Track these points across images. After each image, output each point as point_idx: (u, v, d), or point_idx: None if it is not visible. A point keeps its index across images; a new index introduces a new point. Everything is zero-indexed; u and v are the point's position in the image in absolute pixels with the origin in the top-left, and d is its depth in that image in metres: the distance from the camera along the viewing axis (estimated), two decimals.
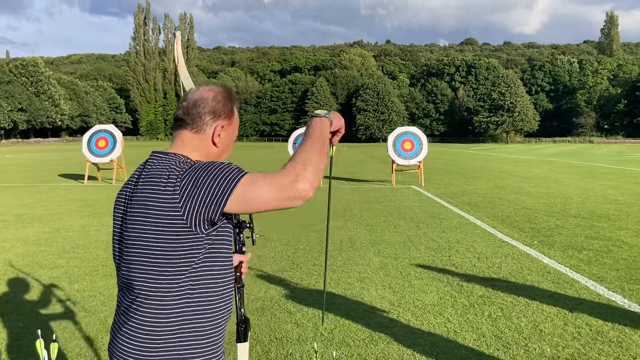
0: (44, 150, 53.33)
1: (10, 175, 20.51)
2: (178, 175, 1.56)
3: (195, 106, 1.73)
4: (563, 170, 22.60)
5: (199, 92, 1.76)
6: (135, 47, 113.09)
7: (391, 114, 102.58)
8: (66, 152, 45.65)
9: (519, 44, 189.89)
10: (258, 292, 5.36)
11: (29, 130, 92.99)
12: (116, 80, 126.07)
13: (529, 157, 35.91)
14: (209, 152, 1.75)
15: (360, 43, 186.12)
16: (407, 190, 14.80)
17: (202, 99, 1.74)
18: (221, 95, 1.78)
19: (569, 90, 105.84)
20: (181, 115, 1.74)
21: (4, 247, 7.54)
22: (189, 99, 1.76)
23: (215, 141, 1.75)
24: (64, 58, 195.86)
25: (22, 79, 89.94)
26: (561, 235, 8.32)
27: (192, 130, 1.73)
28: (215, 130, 1.75)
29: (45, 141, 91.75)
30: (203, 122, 1.73)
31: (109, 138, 17.63)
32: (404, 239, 8.05)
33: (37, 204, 12.10)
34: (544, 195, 13.37)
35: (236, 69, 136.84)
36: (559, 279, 5.81)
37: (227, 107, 1.78)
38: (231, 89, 1.85)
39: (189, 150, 1.71)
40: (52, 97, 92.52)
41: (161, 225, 1.54)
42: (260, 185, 1.53)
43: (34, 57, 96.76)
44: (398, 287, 5.57)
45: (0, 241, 7.97)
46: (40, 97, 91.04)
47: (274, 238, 8.11)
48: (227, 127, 1.79)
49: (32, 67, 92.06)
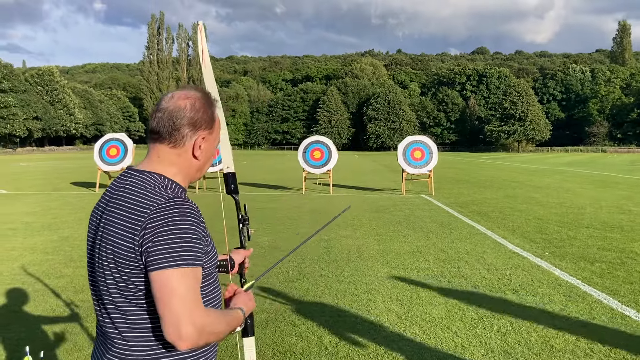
0: (58, 158, 53.79)
1: (23, 183, 20.65)
2: (145, 212, 1.45)
3: (172, 118, 1.56)
4: (575, 180, 22.35)
5: (174, 101, 1.58)
6: (149, 56, 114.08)
7: (402, 123, 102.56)
8: (79, 160, 45.99)
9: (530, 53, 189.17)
10: (262, 304, 5.29)
11: (43, 139, 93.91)
12: (130, 89, 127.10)
13: (540, 167, 35.61)
14: (189, 165, 1.62)
15: (371, 52, 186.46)
16: (417, 200, 14.68)
17: (179, 109, 1.56)
18: (199, 102, 1.60)
19: (581, 99, 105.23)
20: (156, 128, 1.57)
21: (11, 256, 7.53)
22: (163, 109, 1.57)
23: (197, 154, 1.61)
24: (79, 67, 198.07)
25: (37, 88, 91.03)
26: (573, 246, 8.18)
27: (170, 144, 1.57)
28: (195, 143, 1.59)
29: (60, 149, 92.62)
30: (182, 135, 1.57)
31: (120, 147, 17.72)
32: (412, 250, 7.95)
33: (47, 212, 12.13)
34: (555, 205, 13.20)
35: (248, 78, 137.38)
36: (570, 292, 5.68)
37: (207, 115, 1.61)
38: (209, 93, 1.68)
39: (166, 165, 1.58)
40: (66, 106, 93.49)
41: (122, 254, 1.45)
42: (183, 298, 1.38)
43: (50, 67, 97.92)
44: (405, 299, 5.47)
45: (9, 249, 7.97)
46: (55, 105, 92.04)
47: (282, 248, 8.04)
48: (209, 137, 1.63)
49: (48, 76, 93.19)
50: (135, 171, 1.57)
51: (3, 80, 79.91)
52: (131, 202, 1.48)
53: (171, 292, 1.38)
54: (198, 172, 1.67)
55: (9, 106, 79.36)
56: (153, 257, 1.40)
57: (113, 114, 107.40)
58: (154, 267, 1.40)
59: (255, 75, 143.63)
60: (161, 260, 1.39)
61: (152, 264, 1.40)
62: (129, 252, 1.44)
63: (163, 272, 1.39)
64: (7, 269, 6.75)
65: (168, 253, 1.40)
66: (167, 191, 1.51)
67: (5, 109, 79.25)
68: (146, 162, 1.60)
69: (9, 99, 79.64)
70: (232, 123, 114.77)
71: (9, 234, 9.32)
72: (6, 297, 5.55)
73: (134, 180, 1.54)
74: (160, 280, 1.39)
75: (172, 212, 1.44)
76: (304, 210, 12.54)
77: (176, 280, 1.39)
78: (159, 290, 1.39)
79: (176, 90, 1.64)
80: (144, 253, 1.41)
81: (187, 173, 1.63)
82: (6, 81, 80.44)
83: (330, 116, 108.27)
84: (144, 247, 1.42)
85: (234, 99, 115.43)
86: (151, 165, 1.58)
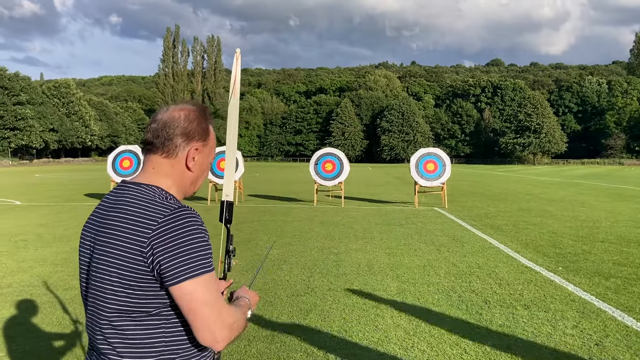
0: (73, 170, 54.31)
1: (37, 195, 20.84)
2: (151, 224, 1.43)
3: (165, 127, 1.57)
4: (591, 193, 22.06)
5: (169, 112, 1.61)
6: (164, 69, 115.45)
7: (416, 135, 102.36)
8: (94, 172, 46.38)
9: (545, 65, 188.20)
10: (269, 318, 5.23)
11: (59, 150, 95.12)
12: (145, 102, 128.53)
13: (556, 179, 35.24)
14: (183, 177, 1.62)
15: (385, 64, 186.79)
16: (429, 212, 14.56)
17: (173, 119, 1.59)
18: (194, 114, 1.62)
19: (597, 111, 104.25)
20: (150, 139, 1.59)
21: (22, 267, 7.56)
22: (158, 120, 1.60)
23: (190, 165, 1.61)
24: (95, 80, 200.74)
25: (54, 100, 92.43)
26: (587, 261, 8.03)
27: (163, 154, 1.58)
28: (189, 154, 1.60)
29: (75, 161, 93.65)
30: (175, 145, 1.58)
31: (133, 158, 17.85)
32: (423, 264, 7.85)
33: (59, 223, 12.20)
34: (570, 219, 13.01)
35: (262, 90, 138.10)
36: (584, 308, 5.55)
37: (201, 127, 1.63)
38: (205, 107, 1.70)
39: (161, 176, 1.58)
40: (82, 118, 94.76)
41: (126, 265, 1.43)
42: (211, 304, 1.44)
43: (66, 79, 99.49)
44: (415, 315, 5.38)
45: (20, 261, 8.01)
46: (71, 117, 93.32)
47: (292, 261, 7.98)
48: (202, 149, 1.64)
49: (64, 89, 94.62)
50: (132, 184, 1.56)
51: (21, 93, 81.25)
52: (134, 214, 1.46)
53: (200, 302, 1.42)
54: (192, 185, 1.67)
55: (26, 118, 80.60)
56: (172, 270, 1.41)
57: (128, 126, 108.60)
58: (176, 280, 1.41)
59: (269, 88, 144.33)
60: (182, 272, 1.41)
61: (173, 278, 1.41)
62: (136, 265, 1.42)
63: (187, 284, 1.41)
64: (17, 281, 6.76)
65: (187, 264, 1.41)
66: (169, 202, 1.50)
67: (23, 120, 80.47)
68: (142, 174, 1.60)
69: (27, 111, 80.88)
70: (246, 135, 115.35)
71: (21, 245, 9.38)
72: (14, 309, 5.55)
73: (133, 192, 1.53)
74: (185, 292, 1.42)
75: (181, 222, 1.44)
76: (315, 222, 12.48)
77: (201, 289, 1.42)
78: (187, 302, 1.42)
79: (172, 104, 1.66)
80: (157, 266, 1.41)
81: (181, 185, 1.63)
82: (24, 94, 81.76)
83: (343, 128, 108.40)
84: (156, 259, 1.41)
85: (247, 111, 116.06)
86: (147, 177, 1.58)
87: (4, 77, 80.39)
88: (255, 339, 4.65)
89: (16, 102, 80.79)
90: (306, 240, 10.00)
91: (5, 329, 4.95)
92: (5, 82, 79.92)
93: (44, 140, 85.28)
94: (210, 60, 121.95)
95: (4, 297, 6.02)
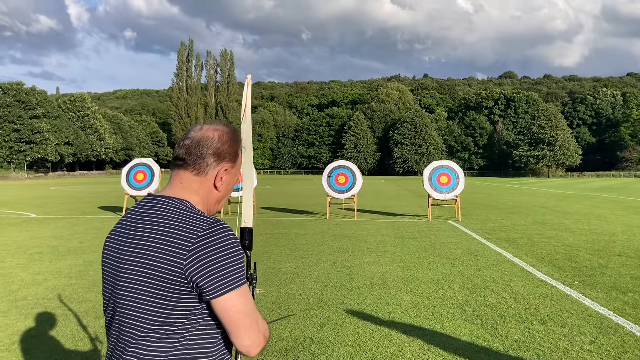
0: (87, 183, 54.79)
1: (52, 207, 21.02)
2: (190, 237, 1.46)
3: (199, 146, 1.61)
4: (607, 206, 21.80)
5: (203, 131, 1.65)
6: (178, 82, 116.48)
7: (429, 147, 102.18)
8: (108, 185, 46.76)
9: (559, 77, 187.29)
10: (282, 332, 5.21)
11: (74, 163, 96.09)
12: (159, 115, 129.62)
13: (571, 192, 34.91)
14: (209, 195, 1.66)
15: (397, 77, 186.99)
16: (443, 225, 14.47)
17: (206, 138, 1.63)
18: (227, 136, 1.67)
19: (612, 123, 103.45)
20: (182, 155, 1.62)
21: (37, 280, 7.61)
22: (191, 137, 1.64)
23: (217, 185, 1.65)
24: (110, 93, 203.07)
25: (69, 114, 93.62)
26: (604, 275, 7.92)
27: (193, 171, 1.62)
28: (218, 173, 1.64)
29: (90, 174, 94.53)
30: (206, 164, 1.62)
31: (147, 171, 17.95)
32: (437, 277, 7.79)
33: (73, 236, 12.29)
34: (586, 232, 12.86)
35: (275, 103, 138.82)
36: (601, 324, 5.47)
37: (232, 149, 1.68)
38: (237, 130, 1.75)
39: (188, 192, 1.61)
40: (97, 131, 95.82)
41: (161, 278, 1.45)
42: (250, 314, 1.52)
43: (82, 93, 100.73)
44: (429, 329, 5.33)
45: (35, 273, 8.06)
46: (86, 131, 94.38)
47: (304, 274, 7.96)
48: (231, 170, 1.68)
49: (80, 103, 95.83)
50: (161, 197, 1.59)
51: (37, 107, 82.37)
52: (170, 227, 1.49)
53: (242, 313, 1.49)
54: (217, 204, 1.70)
55: (42, 131, 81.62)
56: (214, 283, 1.45)
57: (142, 139, 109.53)
58: (218, 293, 1.46)
59: (282, 101, 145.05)
60: (223, 285, 1.46)
61: (215, 290, 1.45)
62: (173, 278, 1.45)
63: (228, 297, 1.47)
64: (32, 293, 6.81)
65: (227, 277, 1.46)
66: (204, 216, 1.54)
67: (39, 134, 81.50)
68: (169, 188, 1.63)
69: (43, 124, 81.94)
70: (259, 147, 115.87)
71: (36, 258, 9.45)
72: (29, 322, 5.58)
73: (163, 205, 1.56)
74: (228, 304, 1.47)
75: (219, 236, 1.48)
76: (327, 235, 12.46)
77: (241, 300, 1.49)
78: (229, 314, 1.48)
79: (205, 123, 1.71)
80: (197, 279, 1.44)
81: (207, 203, 1.66)
82: (40, 107, 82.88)
83: (356, 141, 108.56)
84: (195, 273, 1.44)
85: (260, 124, 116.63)
86: (175, 192, 1.61)
87: (21, 91, 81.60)
88: (268, 353, 4.63)
89: (32, 115, 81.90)
90: (319, 253, 9.97)
91: (21, 341, 4.97)
92: (22, 96, 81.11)
93: (59, 153, 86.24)
94: (223, 74, 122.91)
95: (19, 309, 6.06)
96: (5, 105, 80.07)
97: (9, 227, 14.04)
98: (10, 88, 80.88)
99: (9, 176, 76.91)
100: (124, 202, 17.75)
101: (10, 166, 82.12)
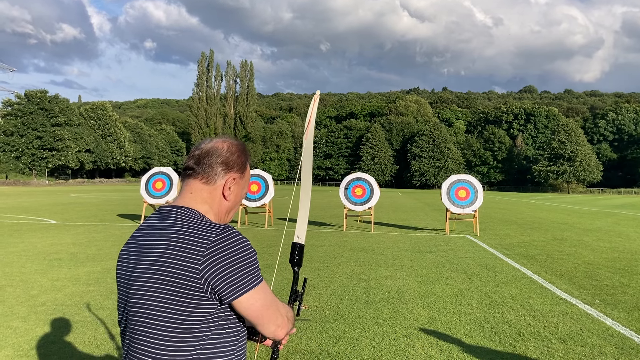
0: (107, 190, 55.36)
1: (71, 214, 21.27)
2: (204, 243, 1.50)
3: (208, 156, 1.69)
4: (629, 224, 21.44)
5: (213, 143, 1.73)
6: (198, 92, 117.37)
7: (447, 161, 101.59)
8: (127, 193, 47.20)
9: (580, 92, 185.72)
10: (298, 345, 5.18)
11: (94, 171, 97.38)
12: (179, 124, 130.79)
13: (591, 209, 34.40)
14: (220, 205, 1.70)
15: (416, 90, 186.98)
16: (461, 240, 14.35)
17: (215, 149, 1.70)
18: (236, 147, 1.74)
19: (634, 139, 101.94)
20: (192, 164, 1.69)
21: (55, 286, 7.69)
22: (201, 148, 1.71)
23: (226, 194, 1.70)
24: (130, 102, 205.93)
25: (90, 122, 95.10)
26: (626, 294, 7.77)
27: (202, 180, 1.68)
28: (226, 182, 1.70)
29: (109, 181, 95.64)
30: (215, 173, 1.68)
31: (165, 180, 18.10)
32: (455, 293, 7.71)
33: (92, 243, 12.41)
34: (607, 250, 12.65)
35: (293, 114, 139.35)
36: (623, 344, 5.36)
37: (241, 160, 1.74)
38: (244, 144, 1.81)
39: (199, 202, 1.66)
40: (117, 140, 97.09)
41: (176, 285, 1.48)
42: (270, 305, 1.60)
43: (103, 102, 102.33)
44: (446, 345, 5.27)
45: (54, 280, 8.15)
46: (107, 139, 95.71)
47: (320, 287, 7.93)
48: (239, 180, 1.74)
49: (101, 111, 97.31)
50: (171, 207, 1.64)
51: (59, 115, 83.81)
52: (184, 235, 1.53)
53: (263, 307, 1.57)
54: (226, 213, 1.74)
55: (63, 139, 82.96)
56: (232, 286, 1.50)
57: (162, 148, 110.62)
58: (238, 294, 1.51)
59: (300, 112, 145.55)
60: (241, 286, 1.51)
61: (234, 292, 1.51)
62: (190, 284, 1.48)
63: (247, 296, 1.53)
64: (51, 299, 6.87)
65: (244, 278, 1.51)
66: (213, 223, 1.58)
67: (60, 141, 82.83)
68: (180, 199, 1.67)
69: (64, 132, 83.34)
70: (276, 158, 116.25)
71: (55, 264, 9.55)
72: (47, 328, 5.63)
73: (175, 214, 1.60)
74: (249, 303, 1.54)
75: (231, 240, 1.52)
76: (344, 248, 12.42)
77: (260, 296, 1.56)
78: (252, 311, 1.56)
79: (216, 137, 1.79)
80: (214, 283, 1.48)
81: (217, 212, 1.69)
82: (62, 115, 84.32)
83: (373, 153, 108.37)
84: (212, 277, 1.48)
85: (278, 135, 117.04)
86: (186, 201, 1.65)
87: (45, 99, 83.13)
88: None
89: (55, 123, 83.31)
90: (335, 265, 9.94)
91: (39, 347, 5.02)
92: (45, 104, 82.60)
93: (80, 160, 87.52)
94: (242, 85, 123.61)
95: (37, 315, 6.12)
96: (29, 113, 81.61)
97: (29, 233, 14.23)
98: (34, 96, 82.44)
99: (31, 182, 78.15)
100: (143, 210, 17.90)
101: (32, 172, 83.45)
